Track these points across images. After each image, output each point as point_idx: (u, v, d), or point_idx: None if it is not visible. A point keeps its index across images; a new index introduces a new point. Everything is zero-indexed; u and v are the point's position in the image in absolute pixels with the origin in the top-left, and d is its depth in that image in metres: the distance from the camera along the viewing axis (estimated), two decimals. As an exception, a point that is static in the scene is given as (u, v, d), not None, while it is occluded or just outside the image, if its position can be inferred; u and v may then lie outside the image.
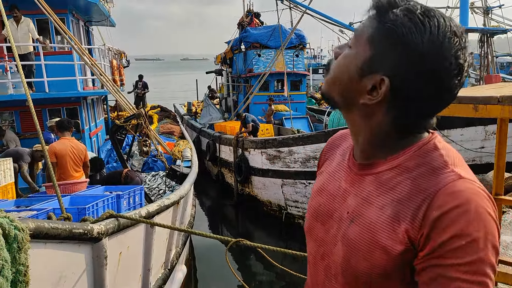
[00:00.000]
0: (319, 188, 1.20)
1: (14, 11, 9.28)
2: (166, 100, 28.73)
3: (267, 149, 11.14)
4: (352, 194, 1.07)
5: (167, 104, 22.71)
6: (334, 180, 1.16)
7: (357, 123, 1.04)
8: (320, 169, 1.28)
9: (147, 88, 18.39)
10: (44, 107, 10.34)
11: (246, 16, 17.80)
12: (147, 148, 7.67)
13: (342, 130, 1.30)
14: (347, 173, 1.12)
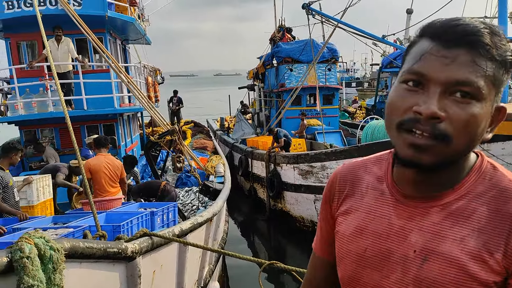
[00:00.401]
0: (357, 229, 1.07)
1: (58, 31, 9.65)
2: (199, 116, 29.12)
3: (299, 164, 11.03)
4: (415, 230, 0.97)
5: (200, 119, 23.01)
6: (377, 217, 1.05)
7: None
8: (340, 208, 1.15)
9: (182, 104, 18.69)
10: (83, 124, 10.65)
11: (278, 32, 17.88)
12: (180, 164, 7.73)
13: (349, 163, 1.21)
14: (397, 207, 1.02)
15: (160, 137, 7.76)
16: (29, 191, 6.03)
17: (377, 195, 1.07)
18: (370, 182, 1.10)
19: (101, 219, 4.73)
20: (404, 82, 0.95)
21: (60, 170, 7.22)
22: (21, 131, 10.75)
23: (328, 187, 1.21)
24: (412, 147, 0.90)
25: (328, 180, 1.24)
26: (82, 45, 10.86)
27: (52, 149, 10.18)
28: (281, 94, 16.01)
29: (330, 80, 15.85)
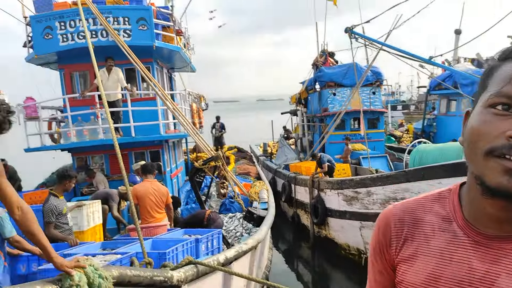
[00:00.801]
0: (430, 277, 0.97)
1: (110, 61, 10.10)
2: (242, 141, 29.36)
3: (343, 190, 10.77)
4: (504, 275, 0.88)
5: (243, 144, 23.16)
6: (453, 263, 0.95)
7: None
8: (400, 255, 1.05)
9: (224, 129, 18.92)
10: (130, 150, 10.95)
11: (321, 56, 17.88)
12: (224, 190, 7.74)
13: (400, 203, 1.12)
14: (477, 250, 0.93)
15: (205, 163, 7.83)
16: (79, 217, 6.20)
17: (448, 237, 0.98)
18: (435, 223, 1.01)
19: (147, 245, 4.76)
20: (492, 106, 0.88)
21: (112, 198, 7.39)
22: (73, 157, 11.20)
23: (381, 233, 1.10)
24: (508, 174, 0.82)
25: (376, 226, 1.13)
26: (130, 74, 11.28)
27: (102, 175, 10.51)
28: (324, 119, 15.87)
29: (375, 104, 15.57)
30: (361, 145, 14.95)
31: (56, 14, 9.89)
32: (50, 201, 5.51)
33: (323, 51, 18.11)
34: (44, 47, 9.99)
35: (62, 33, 9.85)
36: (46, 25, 9.84)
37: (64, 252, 4.72)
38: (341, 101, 15.23)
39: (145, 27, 10.19)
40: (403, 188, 8.96)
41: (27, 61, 10.90)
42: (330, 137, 14.62)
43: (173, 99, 11.42)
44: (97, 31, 9.84)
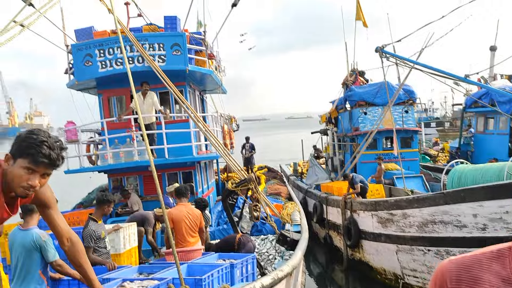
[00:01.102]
0: None
1: (145, 86, 10.41)
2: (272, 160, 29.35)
3: (378, 212, 10.57)
4: None
5: (273, 164, 23.15)
6: None
7: None
8: None
9: (254, 150, 18.97)
10: (164, 172, 11.15)
11: (351, 75, 17.83)
12: (257, 213, 7.75)
13: (456, 258, 1.06)
14: None
15: (237, 186, 7.87)
16: (116, 239, 6.34)
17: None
18: (494, 284, 0.97)
19: (183, 270, 4.80)
20: None
21: (148, 222, 7.52)
22: (109, 178, 11.50)
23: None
24: None
25: (433, 281, 1.09)
26: (164, 97, 11.57)
27: (136, 195, 10.73)
28: (356, 138, 15.73)
29: (408, 122, 15.34)
30: (395, 165, 14.69)
31: (96, 42, 10.33)
32: (89, 226, 5.67)
33: (353, 70, 18.05)
34: (84, 74, 10.41)
35: (101, 60, 10.25)
36: (86, 52, 10.27)
37: (103, 277, 4.82)
38: (373, 120, 15.07)
39: (179, 52, 10.48)
40: (441, 211, 8.72)
41: (68, 87, 11.38)
42: (361, 156, 14.45)
43: (205, 121, 11.62)
44: (134, 57, 10.19)
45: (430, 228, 9.25)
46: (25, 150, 2.09)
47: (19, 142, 2.14)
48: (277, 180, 16.85)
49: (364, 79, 18.03)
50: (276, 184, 15.77)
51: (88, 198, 13.28)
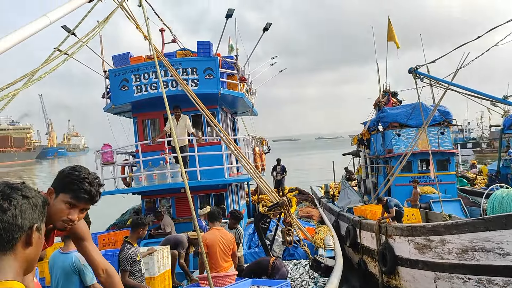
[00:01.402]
0: None
1: (177, 111, 10.60)
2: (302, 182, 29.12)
3: (414, 237, 10.23)
4: None
5: (304, 185, 22.93)
6: None
7: None
8: None
9: (285, 172, 18.83)
10: (196, 194, 11.21)
11: (383, 96, 17.62)
12: (290, 238, 7.64)
13: None
14: None
15: (270, 209, 7.81)
16: (151, 262, 6.38)
17: None
18: None
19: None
20: None
21: (182, 245, 7.54)
22: (142, 200, 11.67)
23: None
24: None
25: None
26: (197, 120, 11.75)
27: (169, 217, 10.81)
28: (389, 160, 15.42)
29: (444, 144, 14.94)
30: (431, 188, 14.28)
31: (132, 68, 10.67)
32: (125, 249, 5.74)
33: (385, 91, 17.84)
34: (121, 98, 10.74)
35: (137, 84, 10.55)
36: (123, 77, 10.61)
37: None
38: (406, 142, 14.76)
39: (211, 76, 10.67)
40: (482, 238, 8.36)
41: (105, 111, 11.74)
42: (396, 179, 14.12)
43: (237, 143, 11.70)
44: (168, 82, 10.44)
45: (470, 255, 8.87)
46: (68, 186, 2.18)
47: (62, 177, 2.23)
48: (308, 202, 16.63)
49: (397, 100, 17.77)
50: (308, 206, 15.56)
51: (121, 219, 13.48)
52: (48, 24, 4.71)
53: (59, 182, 2.22)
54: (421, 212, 12.86)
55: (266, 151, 15.57)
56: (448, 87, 12.46)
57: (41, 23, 4.44)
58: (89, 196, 2.20)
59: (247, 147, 13.23)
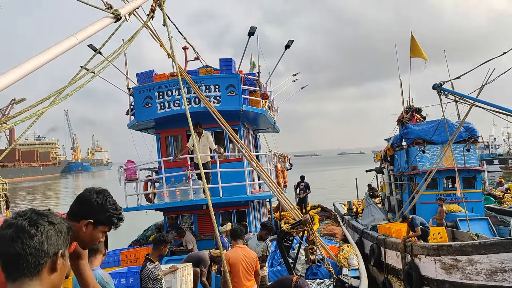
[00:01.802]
0: None
1: (197, 128, 10.65)
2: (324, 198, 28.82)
3: (441, 257, 9.95)
4: None
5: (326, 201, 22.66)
6: None
7: None
8: None
9: (309, 189, 18.64)
10: (217, 211, 11.19)
11: (406, 112, 17.39)
12: (313, 256, 7.52)
13: None
14: None
15: (293, 227, 7.73)
16: (173, 280, 6.37)
17: None
18: None
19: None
20: None
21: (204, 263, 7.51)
22: (165, 217, 11.72)
23: None
24: None
25: None
26: (219, 136, 11.81)
27: (191, 234, 10.81)
28: (414, 178, 15.14)
29: (470, 162, 14.59)
30: (457, 206, 13.92)
31: (156, 85, 10.84)
32: (147, 267, 5.74)
33: (409, 107, 17.61)
34: (144, 115, 10.90)
35: (160, 101, 10.71)
36: (146, 95, 10.79)
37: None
38: (431, 159, 14.49)
39: (234, 93, 10.75)
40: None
41: (129, 127, 11.93)
42: (421, 197, 13.83)
43: (259, 160, 11.68)
44: (191, 98, 10.55)
45: (500, 276, 8.56)
46: (107, 220, 2.31)
47: (99, 211, 2.29)
48: (331, 220, 16.40)
49: (421, 116, 17.52)
50: (330, 224, 15.34)
51: (144, 235, 13.55)
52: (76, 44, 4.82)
53: (97, 216, 2.28)
54: (447, 230, 12.53)
55: (288, 167, 15.49)
56: (473, 104, 12.22)
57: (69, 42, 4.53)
58: (121, 222, 2.37)
59: (269, 163, 13.18)
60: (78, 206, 2.30)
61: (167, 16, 8.18)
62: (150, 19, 7.69)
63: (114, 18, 5.49)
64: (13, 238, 1.46)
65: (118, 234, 5.53)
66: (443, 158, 13.56)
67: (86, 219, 2.25)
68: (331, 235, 13.66)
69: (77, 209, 2.29)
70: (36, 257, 1.47)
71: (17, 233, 1.47)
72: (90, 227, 2.26)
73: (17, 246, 1.45)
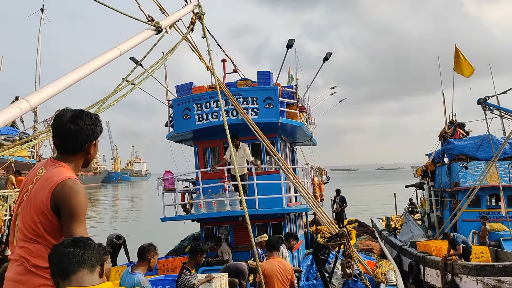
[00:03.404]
0: None
1: (234, 140, 10.74)
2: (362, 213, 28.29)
3: (483, 277, 9.60)
4: None
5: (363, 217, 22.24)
6: None
7: None
8: None
9: (345, 203, 18.36)
10: (254, 223, 11.18)
11: (449, 127, 16.94)
12: (350, 270, 7.41)
13: None
14: None
15: (329, 240, 7.66)
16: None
17: None
18: None
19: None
20: None
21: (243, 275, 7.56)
22: (201, 227, 11.85)
23: None
24: None
25: None
26: (256, 149, 11.86)
27: (227, 245, 10.88)
28: (455, 194, 14.67)
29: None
30: (501, 225, 13.35)
31: (194, 97, 11.08)
32: (183, 275, 5.84)
33: (452, 122, 17.15)
34: (183, 126, 11.14)
35: (199, 113, 10.93)
36: (185, 106, 11.05)
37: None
38: (475, 176, 14.02)
39: (271, 106, 10.83)
40: None
41: (167, 139, 12.22)
42: (462, 214, 13.37)
43: (295, 172, 11.65)
44: (228, 110, 10.70)
45: (548, 300, 8.15)
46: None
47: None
48: (368, 235, 16.07)
49: (464, 131, 17.01)
50: (368, 239, 15.03)
51: (181, 245, 13.73)
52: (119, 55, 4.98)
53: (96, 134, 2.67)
54: (490, 250, 12.03)
55: (325, 181, 15.35)
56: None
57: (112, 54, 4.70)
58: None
59: (306, 176, 13.12)
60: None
61: (206, 29, 8.41)
62: (190, 32, 7.93)
63: (155, 31, 5.70)
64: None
65: (157, 243, 5.70)
66: (487, 175, 13.12)
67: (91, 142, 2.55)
68: (369, 251, 13.39)
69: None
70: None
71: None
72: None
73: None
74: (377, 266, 10.20)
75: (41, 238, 2.38)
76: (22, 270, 2.36)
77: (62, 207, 2.34)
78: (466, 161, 14.65)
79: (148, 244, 5.34)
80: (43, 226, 2.37)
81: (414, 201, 20.54)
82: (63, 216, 2.35)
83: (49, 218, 2.36)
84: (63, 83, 3.98)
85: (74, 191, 2.38)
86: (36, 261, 2.33)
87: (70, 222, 2.34)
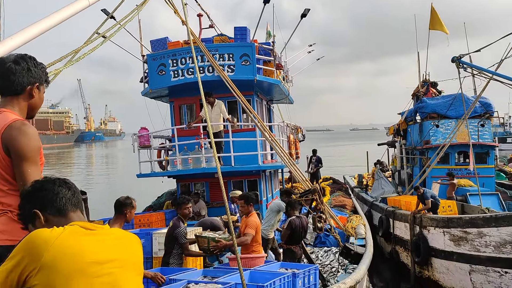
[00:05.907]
0: None
1: (209, 97, 10.61)
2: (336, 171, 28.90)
3: (450, 229, 10.05)
4: None
5: (337, 175, 22.75)
6: None
7: None
8: None
9: (321, 164, 18.57)
10: (229, 179, 11.35)
11: (422, 86, 17.17)
12: (321, 224, 7.67)
13: None
14: None
15: (302, 196, 7.85)
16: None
17: None
18: None
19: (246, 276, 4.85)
20: None
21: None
22: (178, 184, 11.94)
23: None
24: None
25: None
26: (232, 106, 11.83)
27: (203, 201, 11.03)
28: (426, 152, 15.08)
29: (484, 137, 14.47)
30: (468, 181, 13.88)
31: (170, 53, 10.84)
32: (181, 226, 6.00)
33: (425, 81, 17.37)
34: (158, 83, 10.96)
35: (174, 69, 10.73)
36: (160, 62, 10.82)
37: (169, 277, 5.02)
38: (445, 134, 14.39)
39: (248, 63, 10.71)
40: None
41: (142, 95, 12.02)
42: (432, 171, 13.81)
43: (271, 130, 11.73)
44: (204, 67, 10.55)
45: (508, 249, 8.67)
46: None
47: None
48: (342, 192, 16.53)
49: (437, 90, 17.28)
50: (341, 196, 15.48)
51: (157, 201, 13.84)
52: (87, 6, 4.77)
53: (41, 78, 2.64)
54: (457, 204, 12.57)
55: (301, 139, 15.52)
56: (492, 77, 12.02)
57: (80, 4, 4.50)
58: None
59: (282, 134, 13.23)
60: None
61: (181, -19, 8.11)
62: (164, -16, 7.63)
63: (127, -18, 5.48)
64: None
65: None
66: (457, 133, 13.48)
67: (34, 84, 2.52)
68: (341, 207, 13.82)
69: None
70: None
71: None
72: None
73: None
74: (348, 221, 10.57)
75: (9, 183, 2.38)
76: (5, 219, 2.38)
77: (11, 148, 2.33)
78: (438, 119, 14.98)
79: (125, 197, 5.17)
80: (6, 171, 2.37)
81: (382, 161, 20.93)
82: (13, 158, 2.34)
83: (7, 164, 2.36)
84: (28, 33, 3.80)
85: (22, 131, 2.35)
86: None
87: (20, 163, 2.33)
